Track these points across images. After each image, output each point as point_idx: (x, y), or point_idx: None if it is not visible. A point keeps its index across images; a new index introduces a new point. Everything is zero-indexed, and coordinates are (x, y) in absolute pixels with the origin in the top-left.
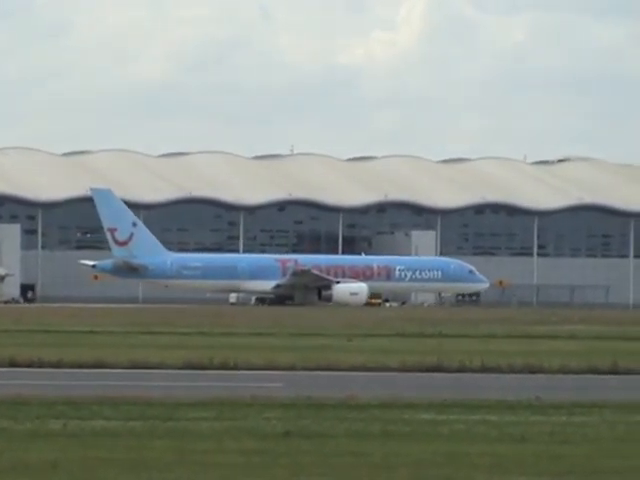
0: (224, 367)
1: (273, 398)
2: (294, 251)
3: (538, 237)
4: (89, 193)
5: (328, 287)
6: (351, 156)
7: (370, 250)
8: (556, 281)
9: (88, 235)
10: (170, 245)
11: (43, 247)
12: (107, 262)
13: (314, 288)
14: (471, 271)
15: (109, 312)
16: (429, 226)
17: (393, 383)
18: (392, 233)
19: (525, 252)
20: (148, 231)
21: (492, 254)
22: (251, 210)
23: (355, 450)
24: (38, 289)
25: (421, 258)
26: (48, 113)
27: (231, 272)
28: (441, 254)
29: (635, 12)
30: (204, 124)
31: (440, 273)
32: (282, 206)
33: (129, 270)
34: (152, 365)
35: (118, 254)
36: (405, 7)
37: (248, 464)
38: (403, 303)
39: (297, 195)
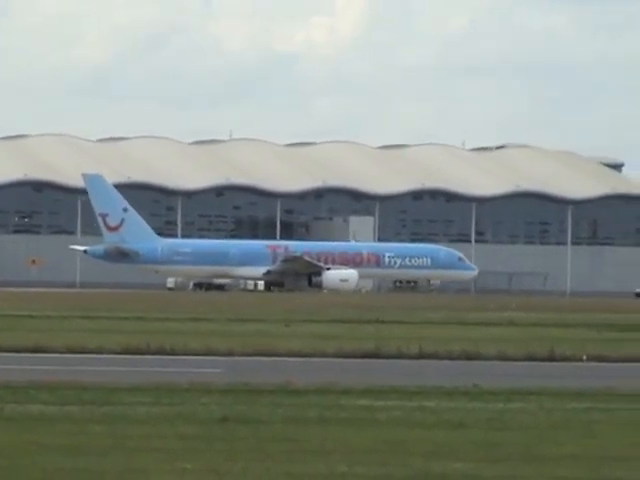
0: (162, 352)
1: (211, 383)
2: (232, 236)
3: (476, 224)
4: (26, 177)
5: (318, 274)
6: (290, 142)
7: (308, 236)
8: (494, 268)
9: (26, 219)
10: None
11: None
12: (98, 247)
13: (304, 274)
14: (460, 258)
15: (47, 296)
16: (367, 212)
17: (330, 369)
18: (330, 219)
19: (463, 238)
20: (139, 217)
21: (430, 240)
22: (189, 195)
23: (292, 436)
24: None
25: (411, 245)
26: None
27: (222, 258)
28: (379, 240)
29: None
30: (142, 109)
31: (429, 260)
32: (220, 191)
33: (120, 255)
34: (89, 350)
35: (109, 240)
36: None
37: (185, 449)
38: None
39: (235, 180)
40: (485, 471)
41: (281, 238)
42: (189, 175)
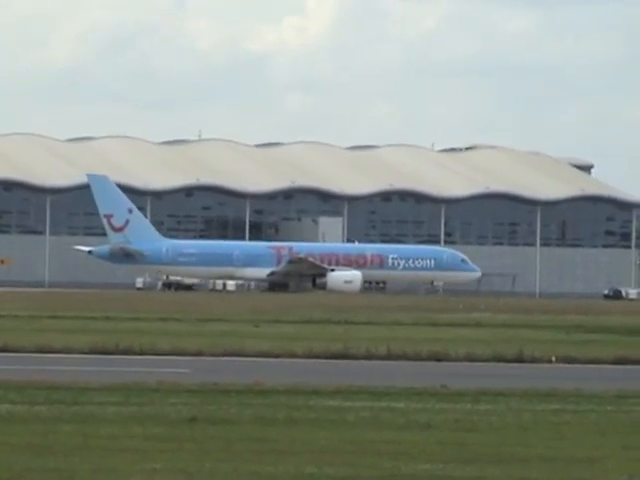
0: (130, 352)
1: (179, 384)
2: (201, 236)
3: (445, 225)
4: None
5: (323, 275)
6: (259, 142)
7: (277, 236)
8: None
9: None
10: (76, 230)
11: None
12: (104, 248)
13: (309, 276)
14: (463, 260)
15: (15, 296)
16: (336, 213)
17: (299, 369)
18: (299, 219)
19: (432, 240)
20: (144, 217)
21: (399, 241)
22: (158, 195)
23: (261, 436)
24: None
25: (415, 247)
26: None
27: (226, 259)
28: (348, 241)
29: (546, 0)
30: (112, 109)
31: (433, 262)
32: (189, 191)
33: (125, 256)
34: (58, 349)
35: (114, 240)
36: None
37: (154, 449)
38: None
39: (204, 181)
40: (454, 472)
41: (250, 239)
42: (158, 175)
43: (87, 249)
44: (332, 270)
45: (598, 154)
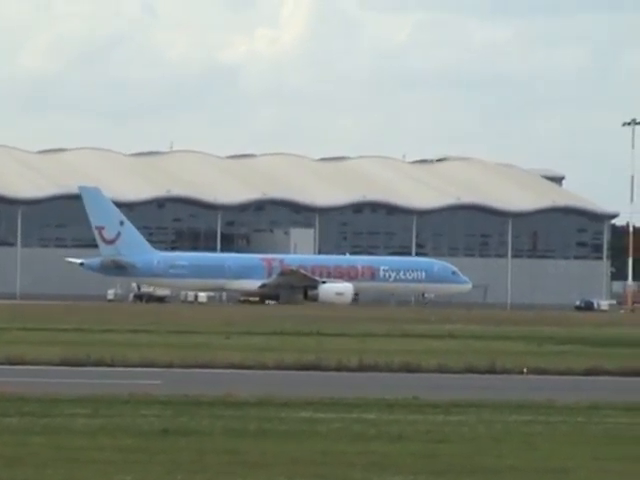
0: (101, 364)
1: (150, 395)
2: (172, 248)
3: (417, 236)
4: None
5: (314, 287)
6: (231, 153)
7: (248, 248)
8: None
9: None
10: (48, 241)
11: None
12: (95, 260)
13: (300, 288)
14: (454, 272)
15: None
16: (308, 224)
17: (271, 381)
18: (271, 231)
19: (403, 251)
20: (135, 230)
21: (371, 253)
22: (130, 207)
23: (232, 448)
24: None
25: (405, 259)
26: None
27: (217, 271)
28: (319, 252)
29: (518, 12)
30: (84, 120)
31: (424, 274)
32: (161, 203)
33: (117, 268)
34: (28, 361)
35: (106, 252)
36: (288, 5)
37: (125, 461)
38: None
39: (176, 192)
40: None
41: (222, 250)
42: (130, 187)
43: (79, 261)
44: (323, 282)
45: (569, 166)
